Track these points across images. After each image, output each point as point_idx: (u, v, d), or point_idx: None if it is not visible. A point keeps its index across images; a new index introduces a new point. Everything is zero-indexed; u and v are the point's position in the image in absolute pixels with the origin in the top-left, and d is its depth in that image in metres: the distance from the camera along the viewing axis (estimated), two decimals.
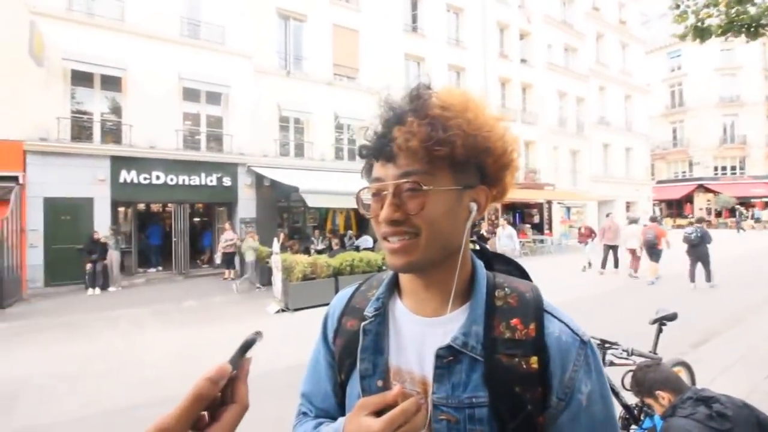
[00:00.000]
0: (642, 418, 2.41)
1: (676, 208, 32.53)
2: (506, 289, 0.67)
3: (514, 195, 18.59)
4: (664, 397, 1.80)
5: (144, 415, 3.05)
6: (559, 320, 0.65)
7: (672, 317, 2.56)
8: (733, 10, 5.19)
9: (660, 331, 2.61)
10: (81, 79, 10.24)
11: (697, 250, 8.56)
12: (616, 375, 2.46)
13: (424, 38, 16.77)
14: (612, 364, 2.39)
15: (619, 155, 24.74)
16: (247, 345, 0.47)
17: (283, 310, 7.42)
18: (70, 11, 10.13)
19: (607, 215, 12.09)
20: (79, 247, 9.50)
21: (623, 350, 2.25)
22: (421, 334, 0.67)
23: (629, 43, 25.67)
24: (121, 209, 12.07)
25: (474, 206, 0.65)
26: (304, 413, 0.81)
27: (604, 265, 10.83)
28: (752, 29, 5.17)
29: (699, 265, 8.63)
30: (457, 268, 0.64)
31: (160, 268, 12.23)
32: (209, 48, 11.86)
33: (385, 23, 15.46)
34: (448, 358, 0.63)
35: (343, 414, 0.73)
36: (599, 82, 23.57)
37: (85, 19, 10.23)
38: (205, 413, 0.45)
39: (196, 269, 12.25)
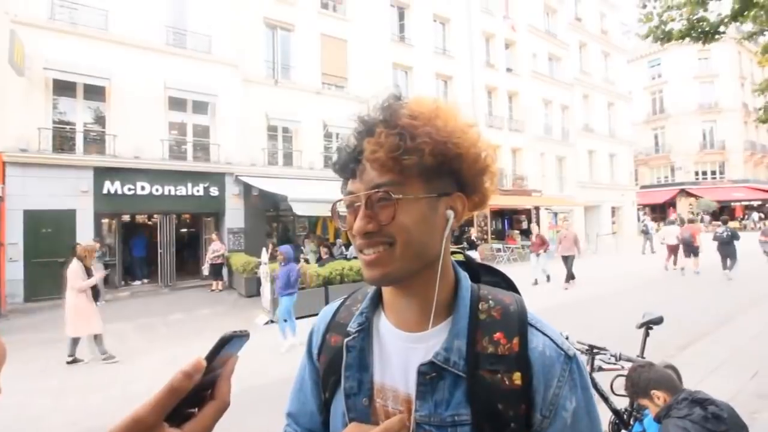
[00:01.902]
0: (632, 422, 2.42)
1: (659, 212, 33.21)
2: (490, 301, 0.65)
3: (502, 201, 18.84)
4: (660, 397, 1.81)
5: None
6: (544, 334, 0.63)
7: (658, 321, 2.59)
8: (695, 17, 5.44)
9: (647, 334, 2.64)
10: (63, 88, 10.08)
11: (728, 247, 9.86)
12: (604, 380, 2.48)
13: (411, 48, 16.96)
14: (600, 369, 2.40)
15: (604, 161, 25.22)
16: (224, 341, 0.46)
17: (272, 321, 7.32)
18: (53, 20, 9.99)
19: (564, 221, 11.81)
20: (61, 261, 9.24)
21: (611, 355, 2.27)
22: (405, 350, 0.65)
23: (611, 52, 26.34)
24: (105, 221, 11.82)
25: (451, 214, 0.63)
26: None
27: (568, 279, 9.94)
28: (709, 35, 5.44)
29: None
30: (437, 279, 0.62)
31: (146, 280, 11.98)
32: (195, 57, 11.79)
33: (373, 33, 15.61)
34: (430, 375, 0.61)
35: None
36: (583, 90, 24.09)
37: (67, 28, 10.09)
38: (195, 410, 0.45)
39: (183, 281, 12.03)
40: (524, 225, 21.31)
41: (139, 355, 5.73)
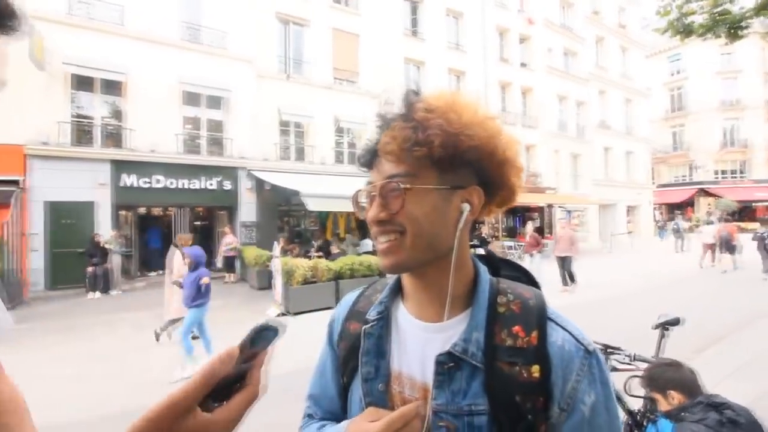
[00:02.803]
0: (645, 424, 2.38)
1: (677, 212, 32.49)
2: (509, 295, 0.66)
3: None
4: (675, 398, 1.78)
5: None
6: (563, 328, 0.63)
7: (675, 322, 2.54)
8: (717, 9, 5.22)
9: (663, 335, 2.59)
10: (82, 83, 10.29)
11: None
12: (618, 380, 2.44)
13: (423, 42, 16.83)
14: (615, 369, 2.37)
15: (620, 159, 24.75)
16: (257, 331, 0.49)
17: (283, 314, 7.40)
18: (71, 15, 10.18)
19: (561, 220, 11.33)
20: (80, 251, 9.50)
21: (626, 355, 2.23)
22: (423, 340, 0.66)
23: (629, 47, 25.74)
24: (123, 213, 12.07)
25: (466, 207, 0.64)
26: (310, 415, 0.82)
27: (564, 281, 9.29)
28: (732, 30, 5.21)
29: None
30: (451, 270, 0.63)
31: (161, 271, 12.19)
32: (210, 52, 11.90)
33: (385, 27, 15.53)
34: (448, 365, 0.62)
35: (346, 417, 0.73)
36: (599, 85, 23.62)
37: (85, 23, 10.27)
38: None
39: None
40: (537, 223, 21.13)
41: (155, 343, 5.85)
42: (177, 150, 11.34)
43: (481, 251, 0.77)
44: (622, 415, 2.50)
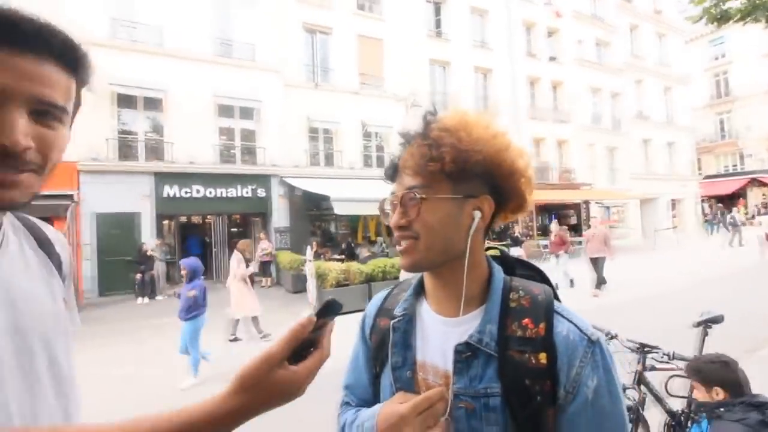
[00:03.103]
0: (689, 425, 2.30)
1: (727, 204, 30.48)
2: (520, 291, 0.73)
3: (547, 196, 18.13)
4: (720, 394, 1.72)
5: None
6: (569, 320, 0.70)
7: (718, 320, 2.44)
8: None
9: (705, 334, 2.49)
10: (126, 101, 10.99)
11: None
12: (658, 380, 2.37)
13: (448, 42, 16.75)
14: (653, 368, 2.31)
15: (661, 150, 23.53)
16: (327, 304, 0.60)
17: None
18: (114, 38, 10.91)
19: (593, 218, 10.11)
20: (128, 259, 10.12)
21: (664, 354, 2.17)
22: (444, 333, 0.74)
23: (666, 33, 24.48)
24: (165, 222, 12.76)
25: (477, 214, 0.71)
26: (347, 403, 0.90)
27: (598, 284, 8.58)
28: None
29: None
30: (465, 271, 0.70)
31: (203, 277, 12.77)
32: (241, 65, 12.40)
33: (409, 30, 15.59)
34: (466, 354, 0.69)
35: (379, 402, 0.80)
36: (635, 75, 22.60)
37: (128, 45, 10.98)
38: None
39: None
40: (573, 220, 20.45)
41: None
42: (213, 160, 11.87)
43: (493, 252, 0.84)
44: (664, 417, 2.42)
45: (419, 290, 0.82)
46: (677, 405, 2.38)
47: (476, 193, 0.71)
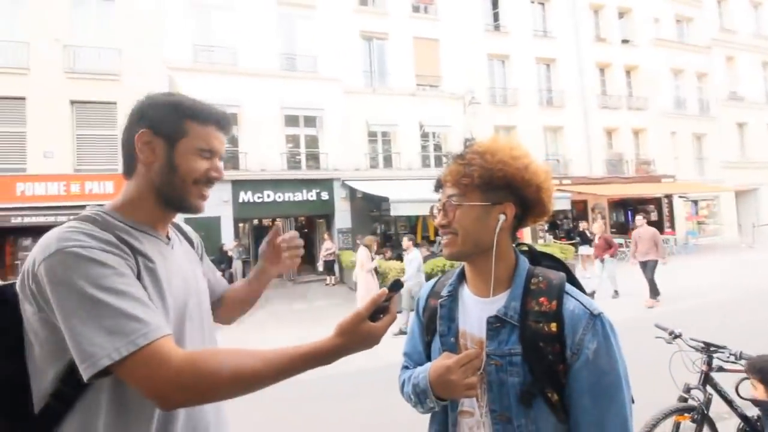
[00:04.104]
0: (765, 430, 2.17)
1: None
2: (540, 277, 0.94)
3: (622, 190, 16.84)
4: None
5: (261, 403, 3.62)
6: (576, 299, 0.89)
7: None
8: None
9: None
10: None
11: None
12: (728, 382, 2.27)
13: (507, 35, 16.29)
14: (721, 369, 2.21)
15: (761, 135, 20.65)
16: (394, 282, 0.82)
17: None
18: (196, 62, 12.21)
19: (638, 218, 8.50)
20: (212, 258, 11.23)
21: (731, 354, 2.08)
22: (479, 309, 0.96)
23: (763, 1, 21.46)
24: (241, 225, 13.97)
25: (501, 217, 0.91)
26: (405, 366, 1.11)
27: (653, 294, 7.55)
28: None
29: None
30: (493, 260, 0.91)
31: None
32: (304, 77, 13.20)
33: (466, 27, 15.42)
34: (496, 324, 0.90)
35: None
36: (725, 51, 20.10)
37: (207, 67, 12.23)
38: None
39: (303, 276, 13.57)
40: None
41: (273, 338, 6.74)
42: (281, 167, 12.78)
43: (524, 248, 1.04)
44: (737, 422, 2.31)
45: (461, 277, 1.04)
46: (751, 411, 2.25)
47: (501, 200, 0.91)
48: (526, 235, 14.33)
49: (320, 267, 12.80)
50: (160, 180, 0.87)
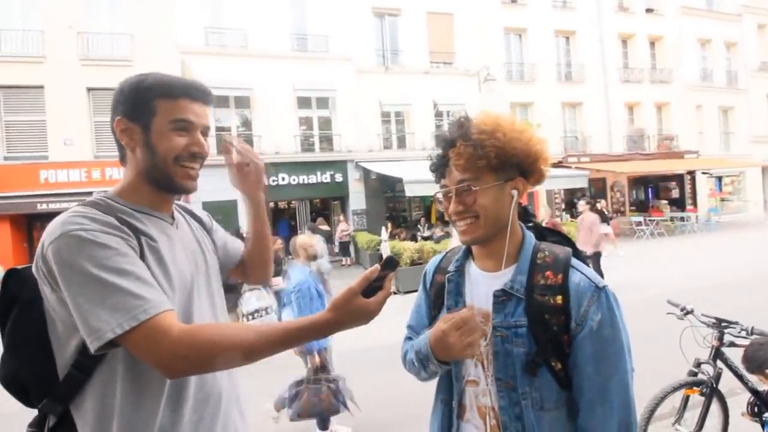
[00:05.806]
0: None
1: None
2: (546, 251, 0.96)
3: (643, 167, 16.39)
4: None
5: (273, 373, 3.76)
6: (581, 273, 0.91)
7: None
8: None
9: None
10: (219, 102, 12.31)
11: None
12: (739, 357, 2.26)
13: (525, 7, 15.72)
14: (732, 344, 2.21)
15: None
16: (388, 259, 0.82)
17: (394, 293, 8.00)
18: (207, 45, 12.21)
19: (580, 203, 7.69)
20: None
21: (742, 329, 2.07)
22: (486, 283, 0.98)
23: None
24: None
25: (515, 192, 0.94)
26: (409, 338, 1.15)
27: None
28: None
29: None
30: (507, 236, 0.93)
31: (290, 256, 14.00)
32: (316, 57, 13.07)
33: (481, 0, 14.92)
34: (502, 298, 0.93)
35: None
36: (757, 19, 18.99)
37: (218, 50, 12.22)
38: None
39: None
40: (674, 194, 18.26)
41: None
42: (295, 149, 12.84)
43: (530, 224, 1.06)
44: (748, 396, 2.32)
45: (467, 253, 1.06)
46: (765, 385, 2.25)
47: (512, 176, 0.93)
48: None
49: (336, 248, 12.98)
50: (144, 164, 0.89)
